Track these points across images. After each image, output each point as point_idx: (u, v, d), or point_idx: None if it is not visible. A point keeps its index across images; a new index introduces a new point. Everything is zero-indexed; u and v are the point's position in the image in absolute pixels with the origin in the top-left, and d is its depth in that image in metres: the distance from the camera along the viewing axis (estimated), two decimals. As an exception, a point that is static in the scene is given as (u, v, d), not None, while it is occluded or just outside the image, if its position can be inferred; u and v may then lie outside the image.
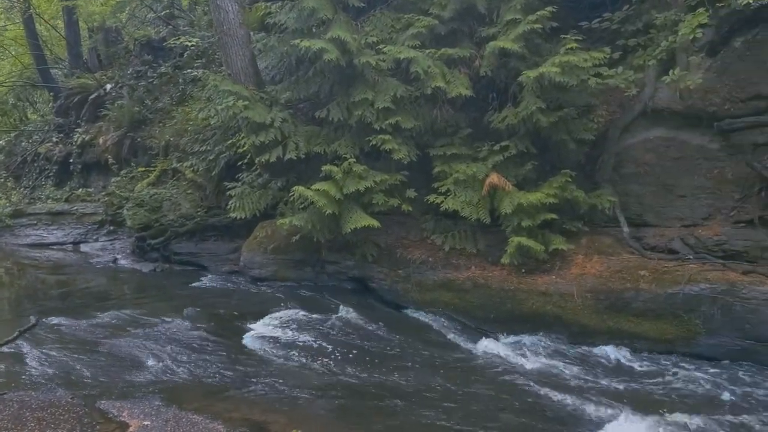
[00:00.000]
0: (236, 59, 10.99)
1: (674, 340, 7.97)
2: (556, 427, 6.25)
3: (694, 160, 9.26)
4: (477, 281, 9.34)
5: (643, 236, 9.32)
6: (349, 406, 6.63)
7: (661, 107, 9.45)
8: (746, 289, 7.62)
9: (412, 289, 9.84)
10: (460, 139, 9.84)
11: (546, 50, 9.50)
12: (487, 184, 9.16)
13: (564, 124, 9.21)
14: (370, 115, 9.54)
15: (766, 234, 8.47)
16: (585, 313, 8.49)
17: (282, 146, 10.26)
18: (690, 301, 7.88)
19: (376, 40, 9.84)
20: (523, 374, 7.49)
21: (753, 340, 7.56)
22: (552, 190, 9.02)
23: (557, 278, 8.93)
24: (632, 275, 8.43)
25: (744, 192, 8.82)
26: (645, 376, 7.46)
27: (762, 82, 8.92)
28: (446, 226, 10.02)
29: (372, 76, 9.68)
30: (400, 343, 8.53)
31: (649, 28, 9.39)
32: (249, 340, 8.58)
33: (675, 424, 6.09)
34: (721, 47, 9.34)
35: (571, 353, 8.14)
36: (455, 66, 9.57)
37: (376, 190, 9.57)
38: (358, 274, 10.58)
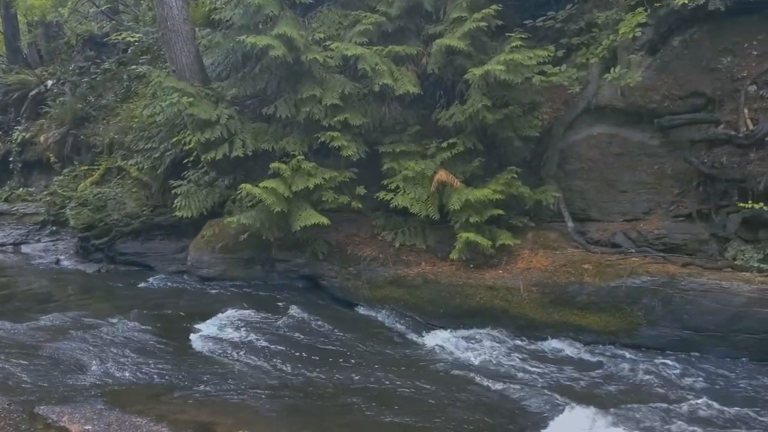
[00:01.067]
0: (181, 55, 10.78)
1: (617, 331, 8.18)
2: (504, 420, 6.33)
3: (635, 156, 9.53)
4: (427, 277, 9.41)
5: (587, 231, 9.54)
6: (298, 405, 6.58)
7: (603, 104, 9.69)
8: (685, 281, 7.87)
9: (363, 287, 9.83)
10: (408, 136, 9.89)
11: (492, 48, 9.63)
12: (435, 181, 9.24)
13: (509, 122, 9.34)
14: (318, 112, 9.50)
15: (703, 227, 8.78)
16: (531, 306, 8.64)
17: (228, 143, 10.12)
18: (632, 293, 8.10)
19: (324, 37, 9.80)
20: (472, 368, 7.57)
21: (692, 330, 7.81)
22: (498, 187, 9.15)
23: (504, 273, 9.06)
24: (576, 269, 8.61)
25: (683, 187, 9.12)
26: (590, 367, 7.63)
27: (699, 81, 9.24)
28: (396, 222, 10.07)
29: (319, 72, 9.64)
30: (351, 340, 8.52)
31: (592, 26, 9.62)
32: (196, 340, 8.44)
33: (618, 414, 6.23)
34: (661, 46, 9.63)
35: (518, 346, 8.26)
36: (403, 63, 9.60)
37: (326, 187, 9.54)
38: (308, 272, 10.53)
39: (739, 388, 6.93)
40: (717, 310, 7.63)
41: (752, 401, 6.58)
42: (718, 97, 8.99)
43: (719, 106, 8.97)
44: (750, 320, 7.48)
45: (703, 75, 9.23)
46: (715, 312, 7.64)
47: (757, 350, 7.51)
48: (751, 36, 9.08)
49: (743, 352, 7.59)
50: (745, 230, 8.41)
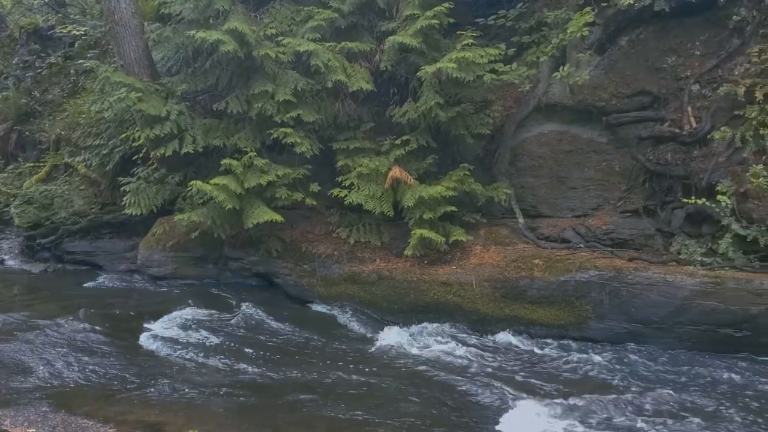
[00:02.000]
0: (129, 50, 10.54)
1: (567, 325, 8.34)
2: (457, 414, 6.40)
3: (584, 154, 9.74)
4: (382, 273, 9.42)
5: (538, 227, 9.71)
6: (250, 403, 6.53)
7: (554, 102, 9.87)
8: (631, 275, 8.06)
9: (317, 284, 9.80)
10: (362, 133, 9.89)
11: (445, 46, 9.70)
12: (389, 178, 9.27)
13: (462, 119, 9.43)
14: (270, 108, 9.41)
15: (649, 223, 9.03)
16: (483, 301, 8.74)
17: (179, 139, 9.94)
18: (581, 287, 8.26)
19: (276, 32, 9.72)
20: (426, 363, 7.62)
21: (638, 322, 8.01)
22: (451, 183, 9.23)
23: (457, 268, 9.15)
24: (527, 264, 8.75)
25: (630, 183, 9.36)
26: (540, 360, 7.76)
27: (645, 79, 9.50)
28: (351, 219, 10.06)
29: (272, 68, 9.56)
30: (305, 337, 8.49)
31: (542, 25, 9.79)
32: (146, 340, 8.28)
33: (567, 406, 6.35)
34: (609, 45, 9.87)
35: (471, 341, 8.35)
36: (356, 60, 9.60)
37: (279, 184, 9.47)
38: (262, 269, 10.44)
39: (683, 378, 7.13)
40: (662, 303, 7.83)
41: (696, 390, 6.78)
42: (663, 96, 9.26)
43: (664, 105, 9.23)
44: (693, 312, 7.70)
45: (649, 74, 9.49)
46: (660, 305, 7.84)
47: (700, 341, 7.74)
48: (695, 36, 9.37)
49: (687, 343, 7.81)
50: (689, 225, 8.67)
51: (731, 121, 8.50)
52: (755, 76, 8.32)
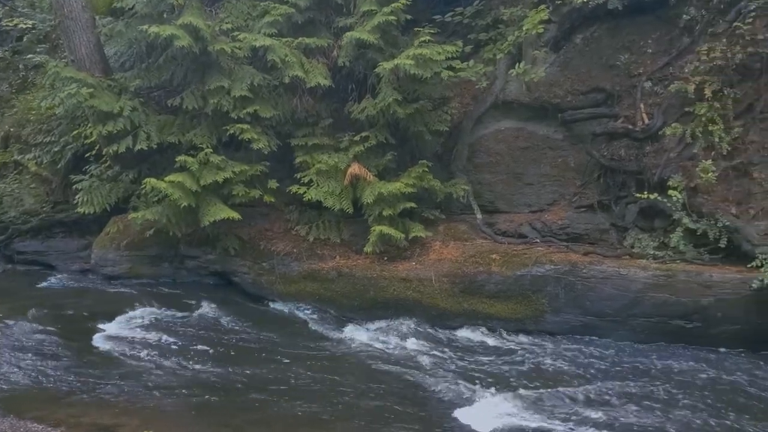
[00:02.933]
0: (80, 45, 10.26)
1: (524, 318, 8.45)
2: (416, 408, 6.42)
3: (540, 150, 9.87)
4: (341, 270, 9.40)
5: (496, 222, 9.80)
6: (207, 403, 6.44)
7: (510, 99, 9.98)
8: (586, 269, 8.20)
9: (276, 282, 9.72)
10: (321, 129, 9.84)
11: (403, 42, 9.71)
12: (348, 174, 9.24)
13: (420, 116, 9.46)
14: (226, 104, 9.29)
15: (604, 217, 9.20)
16: (442, 296, 8.79)
17: (132, 136, 9.73)
18: (537, 281, 8.38)
19: (231, 27, 9.59)
20: (385, 359, 7.64)
21: (593, 315, 8.17)
22: (410, 180, 9.25)
23: (417, 264, 9.18)
24: (485, 259, 8.82)
25: (585, 179, 9.52)
26: (498, 354, 7.85)
27: (600, 76, 9.67)
28: (311, 216, 10.00)
29: (228, 63, 9.43)
30: (263, 336, 8.41)
31: (498, 23, 9.87)
32: (100, 341, 8.10)
33: (523, 398, 6.44)
34: (564, 43, 10.01)
35: (430, 336, 8.40)
36: (313, 56, 9.54)
37: (236, 181, 9.35)
38: (219, 268, 10.30)
39: (637, 369, 7.29)
40: (616, 296, 8.00)
41: (649, 380, 6.93)
42: (617, 93, 9.45)
43: (618, 101, 9.42)
44: (646, 305, 7.89)
45: (603, 71, 9.66)
46: (614, 298, 8.01)
47: (653, 333, 7.93)
48: (647, 35, 9.58)
49: (640, 335, 7.99)
50: (642, 219, 8.88)
51: (682, 117, 8.73)
52: (704, 74, 8.54)
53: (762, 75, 8.46)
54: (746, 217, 8.12)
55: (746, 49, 8.38)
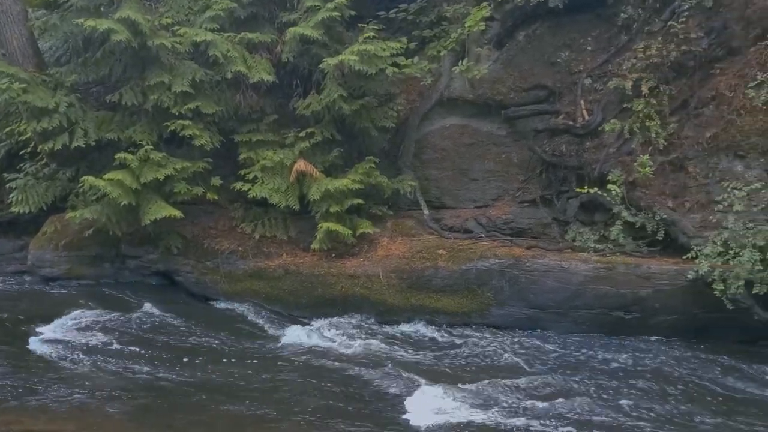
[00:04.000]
0: (11, 38, 9.88)
1: (470, 312, 8.55)
2: (361, 405, 6.40)
3: (485, 146, 10.00)
4: (288, 268, 9.33)
5: (442, 218, 9.89)
6: (148, 406, 6.27)
7: (455, 96, 10.07)
8: (529, 263, 8.34)
9: (221, 281, 9.58)
10: (266, 125, 9.73)
11: (348, 38, 9.68)
12: (294, 171, 9.17)
13: (366, 112, 9.46)
14: (167, 100, 9.10)
15: (546, 212, 9.37)
16: (390, 292, 8.82)
17: (69, 133, 9.42)
18: (482, 275, 8.48)
19: (172, 22, 9.38)
20: (333, 357, 7.60)
21: (536, 308, 8.32)
22: (358, 176, 9.25)
23: (365, 261, 9.19)
24: (432, 254, 8.89)
25: (527, 174, 9.68)
26: (444, 348, 7.92)
27: (541, 73, 9.84)
28: (256, 214, 9.89)
29: (168, 59, 9.23)
30: (208, 336, 8.26)
31: (442, 20, 9.93)
32: (36, 344, 7.79)
33: (468, 391, 6.49)
34: (507, 40, 10.15)
35: (378, 332, 8.41)
36: (257, 51, 9.43)
37: (178, 178, 9.16)
38: (162, 267, 10.08)
39: (578, 360, 7.45)
40: (558, 289, 8.17)
41: (590, 371, 7.08)
42: (558, 90, 9.64)
43: (559, 98, 9.61)
44: (587, 297, 8.08)
45: (545, 68, 9.84)
46: (556, 290, 8.18)
47: (594, 324, 8.14)
48: (587, 32, 9.80)
49: (582, 327, 8.19)
50: (583, 213, 9.09)
51: (620, 113, 8.95)
52: (641, 71, 8.77)
53: (695, 72, 8.74)
54: (682, 210, 8.37)
55: (680, 48, 8.65)
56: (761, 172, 8.24)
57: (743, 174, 8.28)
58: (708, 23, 8.79)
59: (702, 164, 8.48)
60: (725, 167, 8.41)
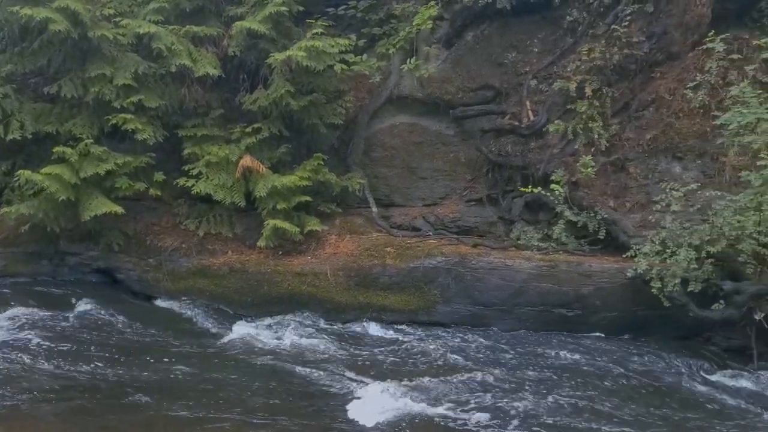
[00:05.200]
0: (-57, 25, 9.46)
1: (417, 310, 8.58)
2: (305, 404, 6.35)
3: (433, 145, 10.07)
4: (233, 266, 9.20)
5: (391, 215, 9.92)
6: (84, 407, 6.07)
7: (405, 95, 10.11)
8: (475, 260, 8.42)
9: (164, 279, 9.37)
10: (211, 120, 9.56)
11: (297, 34, 9.60)
12: (240, 167, 9.03)
13: (315, 108, 9.39)
14: (109, 93, 8.84)
15: (492, 211, 9.49)
16: (337, 290, 8.78)
17: (3, 125, 9.06)
18: (429, 273, 8.52)
19: (114, 13, 9.13)
20: (278, 356, 7.51)
21: (481, 305, 8.40)
22: (306, 173, 9.18)
23: (312, 258, 9.13)
24: (380, 252, 8.89)
25: (474, 173, 9.79)
26: (391, 345, 7.91)
27: (489, 74, 9.96)
28: (201, 210, 9.72)
29: (110, 50, 8.97)
30: (149, 335, 8.07)
31: (392, 17, 9.93)
32: (-34, 345, 7.49)
33: (412, 387, 6.51)
34: (456, 40, 10.25)
35: (324, 330, 8.35)
36: (202, 44, 9.24)
37: (120, 173, 8.92)
38: (103, 265, 9.80)
39: (521, 357, 7.54)
40: (503, 286, 8.27)
41: (532, 367, 7.19)
42: (505, 90, 9.78)
43: (506, 99, 9.75)
44: (530, 294, 8.19)
45: (492, 69, 9.96)
46: (501, 288, 8.28)
47: (537, 321, 8.25)
48: (533, 34, 9.98)
49: (526, 324, 8.29)
50: (528, 213, 9.24)
51: (564, 114, 9.14)
52: (585, 73, 8.96)
53: (637, 75, 8.98)
54: (623, 210, 8.60)
55: (623, 51, 8.87)
56: (698, 174, 8.54)
57: (681, 175, 8.56)
58: (649, 28, 9.05)
59: (642, 165, 8.73)
60: (664, 168, 8.68)
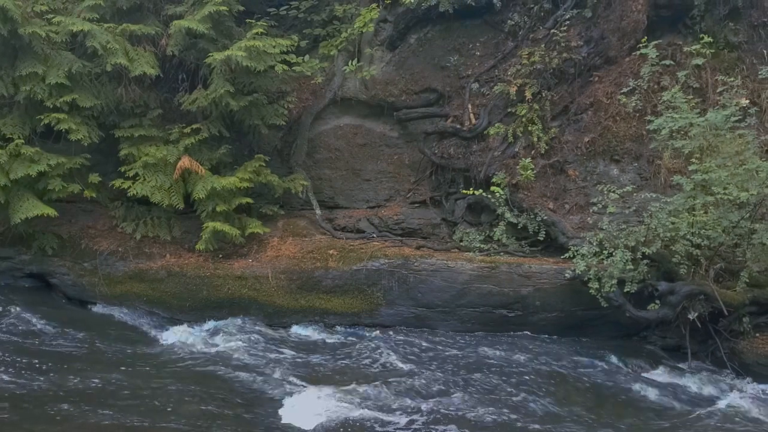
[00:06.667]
0: None
1: (360, 312, 8.54)
2: (241, 409, 6.24)
3: (378, 147, 10.06)
4: (172, 270, 9.01)
5: (335, 218, 9.86)
6: (5, 419, 5.80)
7: (349, 96, 10.07)
8: (417, 262, 8.42)
9: (99, 283, 9.09)
10: (149, 120, 9.32)
11: (238, 34, 9.44)
12: (178, 168, 8.82)
13: (256, 109, 9.25)
14: (41, 92, 8.53)
15: (436, 213, 9.53)
16: (279, 294, 8.68)
17: (-73, 124, 8.69)
18: (372, 275, 8.49)
19: (47, 9, 8.82)
20: (215, 361, 7.36)
21: (424, 307, 8.41)
22: (246, 175, 9.03)
23: (253, 261, 8.99)
24: (322, 255, 8.82)
25: (418, 175, 9.82)
26: (332, 349, 7.87)
27: (432, 77, 10.00)
28: (139, 213, 9.49)
29: (42, 48, 8.66)
30: (83, 341, 7.81)
31: (334, 18, 9.87)
32: None
33: (349, 391, 6.46)
34: (399, 43, 10.26)
35: (265, 334, 8.23)
36: (140, 43, 9.00)
37: (53, 174, 8.61)
38: (36, 269, 9.44)
39: (462, 358, 7.58)
40: (445, 288, 8.29)
41: (473, 368, 7.23)
42: (447, 93, 9.84)
43: (448, 101, 9.79)
44: (472, 295, 8.24)
45: (435, 72, 10.01)
46: (443, 289, 8.29)
47: (479, 322, 8.31)
48: (475, 38, 10.06)
49: (468, 325, 8.34)
50: (470, 214, 9.31)
51: (505, 118, 9.24)
52: (525, 77, 9.08)
53: (575, 79, 9.15)
54: (562, 212, 8.73)
55: (562, 55, 9.03)
56: (634, 176, 8.75)
57: (618, 177, 8.76)
58: (587, 33, 9.23)
59: (581, 168, 8.89)
60: (602, 171, 8.86)
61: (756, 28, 9.00)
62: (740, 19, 9.02)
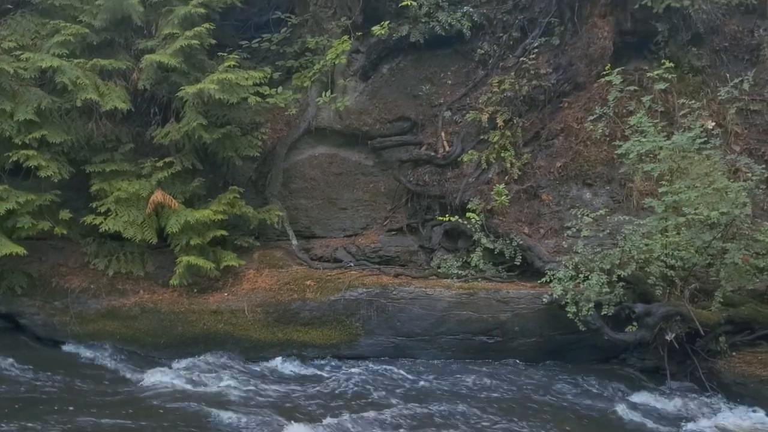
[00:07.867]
0: None
1: (339, 344, 8.43)
2: (218, 448, 6.10)
3: (353, 176, 10.07)
4: (145, 306, 8.83)
5: (312, 247, 9.80)
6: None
7: (324, 126, 10.09)
8: (396, 291, 8.37)
9: (71, 322, 8.86)
10: (121, 155, 9.22)
11: (210, 67, 9.42)
12: (151, 202, 8.71)
13: (230, 141, 9.21)
14: (9, 129, 8.41)
15: (413, 240, 9.52)
16: (256, 327, 8.55)
17: None
18: (350, 305, 8.41)
19: (15, 46, 8.75)
20: (192, 399, 7.18)
21: (404, 336, 8.33)
22: (221, 207, 8.95)
23: (229, 295, 8.87)
24: (299, 286, 8.74)
25: (394, 203, 9.83)
26: (311, 382, 7.73)
27: (405, 105, 10.10)
28: (111, 249, 9.32)
29: (11, 85, 8.56)
30: (53, 383, 7.57)
31: (307, 50, 9.94)
32: None
33: (331, 426, 6.36)
34: (372, 73, 10.36)
35: (242, 370, 8.08)
36: (111, 78, 8.95)
37: (22, 212, 8.44)
38: (4, 310, 9.16)
39: (443, 387, 7.53)
40: (424, 316, 8.23)
41: (453, 397, 7.18)
42: (421, 121, 9.92)
43: (422, 130, 9.88)
44: (451, 323, 8.19)
45: (408, 101, 10.10)
46: (422, 317, 8.24)
47: (459, 350, 8.26)
48: (447, 67, 10.21)
49: (448, 353, 8.28)
50: (447, 241, 9.32)
51: (478, 144, 9.33)
52: (496, 104, 9.19)
53: (546, 105, 9.30)
54: (537, 236, 8.78)
55: (532, 82, 9.17)
56: (607, 199, 8.86)
57: (591, 201, 8.86)
58: (556, 60, 9.40)
59: (554, 192, 8.98)
60: (575, 195, 8.96)
61: (718, 52, 9.25)
62: (703, 45, 9.26)
